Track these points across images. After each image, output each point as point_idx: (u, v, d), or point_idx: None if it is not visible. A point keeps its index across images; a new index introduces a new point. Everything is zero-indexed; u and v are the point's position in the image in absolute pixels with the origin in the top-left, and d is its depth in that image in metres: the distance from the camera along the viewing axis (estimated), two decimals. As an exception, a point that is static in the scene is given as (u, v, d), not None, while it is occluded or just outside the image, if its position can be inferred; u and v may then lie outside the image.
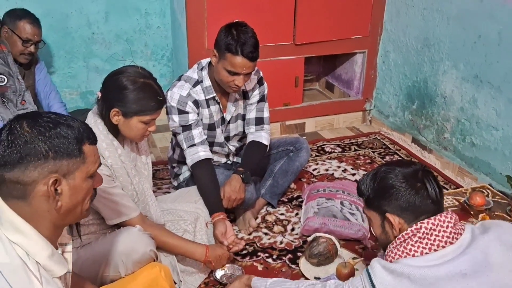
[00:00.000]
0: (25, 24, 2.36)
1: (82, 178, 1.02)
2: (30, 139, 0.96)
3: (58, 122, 1.00)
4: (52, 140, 0.97)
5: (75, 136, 1.00)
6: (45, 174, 0.97)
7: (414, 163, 1.36)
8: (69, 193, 1.01)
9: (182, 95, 1.98)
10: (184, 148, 2.02)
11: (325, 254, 1.89)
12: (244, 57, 1.84)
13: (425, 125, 2.88)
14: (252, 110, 2.17)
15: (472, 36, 2.46)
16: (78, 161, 1.01)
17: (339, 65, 3.42)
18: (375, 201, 1.35)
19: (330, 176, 2.63)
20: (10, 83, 2.34)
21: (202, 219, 1.90)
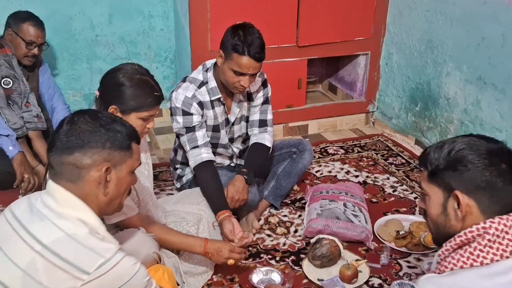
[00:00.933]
0: (29, 26, 2.37)
1: (127, 171, 1.17)
2: (92, 129, 1.11)
3: (114, 119, 1.16)
4: (110, 133, 1.12)
5: (127, 133, 1.16)
6: (100, 161, 1.11)
7: (501, 142, 1.14)
8: (115, 183, 1.15)
9: (187, 96, 1.98)
10: (187, 150, 2.01)
11: (328, 256, 1.88)
12: (251, 58, 1.85)
13: (429, 127, 2.87)
14: (255, 112, 2.18)
15: (475, 38, 2.46)
16: (127, 155, 1.16)
17: (342, 67, 3.42)
18: (444, 173, 1.11)
19: (333, 178, 2.62)
20: (15, 85, 2.36)
21: (205, 220, 1.90)
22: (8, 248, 1.07)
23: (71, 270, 1.02)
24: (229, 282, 1.87)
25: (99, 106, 1.61)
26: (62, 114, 2.56)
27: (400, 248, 2.03)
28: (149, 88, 1.59)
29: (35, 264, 1.02)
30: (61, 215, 1.08)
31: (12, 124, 2.32)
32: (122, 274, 1.07)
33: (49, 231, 1.06)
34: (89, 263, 1.03)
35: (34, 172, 2.31)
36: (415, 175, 2.66)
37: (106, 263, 1.04)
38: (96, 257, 1.04)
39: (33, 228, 1.07)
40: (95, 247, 1.05)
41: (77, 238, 1.05)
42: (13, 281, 1.04)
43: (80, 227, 1.08)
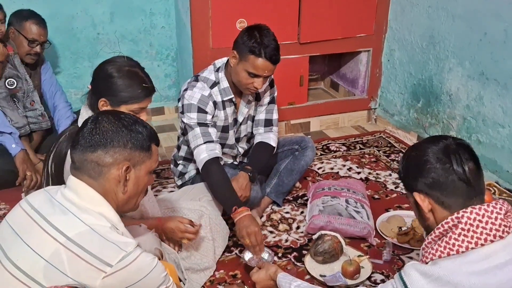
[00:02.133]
0: (31, 24, 2.38)
1: (145, 171, 1.21)
2: (116, 129, 1.15)
3: (136, 121, 1.21)
4: (132, 133, 1.17)
5: (148, 135, 1.20)
6: (121, 160, 1.15)
7: (446, 138, 1.21)
8: (134, 182, 1.19)
9: (204, 95, 1.98)
10: (199, 144, 1.96)
11: (330, 252, 1.88)
12: (267, 60, 1.87)
13: (431, 123, 2.87)
14: (261, 112, 2.21)
15: (477, 33, 2.45)
16: (147, 156, 1.20)
17: (343, 64, 3.41)
18: (406, 181, 1.24)
19: (335, 175, 2.62)
20: (19, 85, 2.37)
21: (206, 216, 1.90)
22: (29, 239, 1.09)
23: (94, 262, 1.05)
24: (232, 279, 1.87)
25: (90, 100, 1.60)
26: (63, 112, 2.57)
27: (402, 244, 2.02)
28: (138, 79, 1.56)
29: (60, 255, 1.06)
30: (84, 209, 1.13)
31: (15, 123, 2.33)
32: (142, 267, 1.11)
33: (72, 224, 1.09)
34: (112, 256, 1.06)
35: (36, 170, 2.32)
36: (417, 171, 2.66)
37: (128, 256, 1.08)
38: (119, 250, 1.07)
39: (56, 221, 1.10)
40: (117, 241, 1.09)
41: (100, 232, 1.09)
42: (35, 270, 1.06)
43: (103, 221, 1.12)
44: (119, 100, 1.55)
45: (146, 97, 1.59)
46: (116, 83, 1.54)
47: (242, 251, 1.89)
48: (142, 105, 1.58)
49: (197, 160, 2.00)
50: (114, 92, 1.54)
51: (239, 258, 1.97)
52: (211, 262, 1.86)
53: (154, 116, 3.26)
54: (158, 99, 3.27)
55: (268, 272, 1.58)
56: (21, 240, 1.10)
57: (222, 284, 1.84)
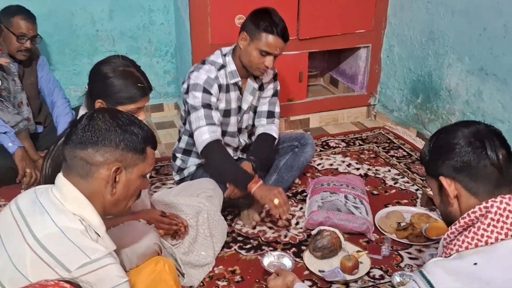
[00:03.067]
0: (19, 20, 2.33)
1: (137, 174, 1.16)
2: (109, 127, 1.11)
3: (133, 121, 1.16)
4: (126, 134, 1.12)
5: (143, 137, 1.15)
6: (112, 160, 1.11)
7: (478, 123, 1.16)
8: (124, 184, 1.14)
9: (210, 77, 2.02)
10: (202, 125, 1.98)
11: (329, 248, 1.89)
12: (279, 37, 1.94)
13: (430, 119, 2.87)
14: (264, 103, 2.25)
15: (477, 28, 2.44)
16: (140, 159, 1.15)
17: (343, 60, 3.41)
18: (431, 164, 1.16)
19: (335, 171, 2.62)
20: (4, 85, 2.34)
21: (204, 212, 1.90)
22: (7, 240, 1.07)
23: (55, 266, 1.00)
24: (231, 274, 1.87)
25: (87, 101, 1.59)
26: (62, 108, 2.57)
27: (401, 240, 2.03)
28: (133, 79, 1.54)
29: (25, 257, 1.02)
30: (61, 210, 1.08)
31: (7, 123, 2.30)
32: (104, 280, 1.03)
33: (44, 225, 1.05)
34: (73, 261, 1.01)
35: (35, 166, 2.32)
36: (416, 167, 2.66)
37: (90, 264, 1.01)
38: (82, 256, 1.02)
39: (32, 221, 1.06)
40: (83, 246, 1.03)
41: (69, 235, 1.04)
42: (4, 272, 1.03)
43: (76, 224, 1.07)
44: (115, 101, 1.53)
45: (142, 97, 1.57)
46: (111, 84, 1.52)
47: (261, 255, 1.85)
48: (139, 105, 1.56)
49: (198, 141, 1.99)
50: (109, 93, 1.53)
51: (238, 254, 1.97)
52: (210, 258, 1.87)
53: (153, 113, 3.26)
54: (157, 96, 3.26)
55: (286, 280, 1.51)
56: (1, 243, 1.07)
57: (221, 280, 1.84)
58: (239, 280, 1.84)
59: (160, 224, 1.72)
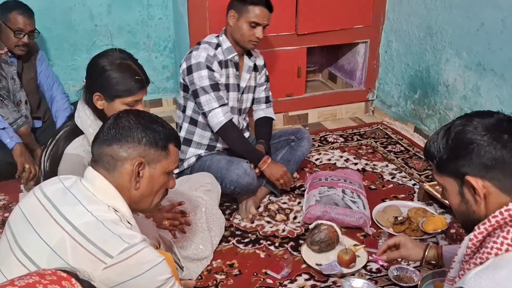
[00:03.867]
0: (16, 15, 2.33)
1: (161, 171, 1.22)
2: (132, 125, 1.19)
3: (155, 120, 1.23)
4: (148, 131, 1.19)
5: (166, 134, 1.22)
6: (135, 155, 1.18)
7: (497, 112, 1.08)
8: (148, 180, 1.20)
9: (209, 54, 2.13)
10: (215, 107, 2.10)
11: (326, 241, 1.90)
12: (265, 7, 2.10)
13: (428, 114, 2.87)
14: (262, 91, 2.40)
15: (475, 23, 2.45)
16: (162, 155, 1.21)
17: (341, 55, 3.41)
18: (450, 162, 1.07)
19: (333, 166, 2.63)
20: (3, 83, 2.34)
21: (202, 206, 1.91)
22: (39, 227, 1.11)
23: (96, 252, 1.06)
24: (229, 268, 1.89)
25: (85, 95, 1.59)
26: (61, 103, 2.57)
27: (398, 234, 2.03)
28: (130, 72, 1.54)
29: (64, 243, 1.07)
30: (95, 201, 1.15)
31: (6, 119, 2.30)
32: (143, 263, 1.09)
33: (80, 214, 1.11)
34: (114, 247, 1.06)
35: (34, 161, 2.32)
36: (413, 162, 2.67)
37: (130, 248, 1.07)
38: (122, 242, 1.07)
39: (65, 210, 1.12)
40: (121, 234, 1.09)
41: (106, 223, 1.10)
42: (40, 257, 1.08)
43: (111, 214, 1.13)
44: (113, 94, 1.53)
45: (140, 90, 1.57)
46: (108, 77, 1.52)
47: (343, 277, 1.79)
48: (136, 97, 1.56)
49: (213, 122, 2.12)
50: (107, 86, 1.53)
51: (236, 248, 1.99)
52: (208, 251, 1.88)
53: (152, 108, 3.26)
54: (155, 91, 3.27)
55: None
56: (32, 228, 1.11)
57: (219, 273, 1.86)
58: (237, 274, 1.86)
59: (163, 214, 1.72)
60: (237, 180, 2.04)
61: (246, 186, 2.07)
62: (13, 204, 2.28)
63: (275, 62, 2.91)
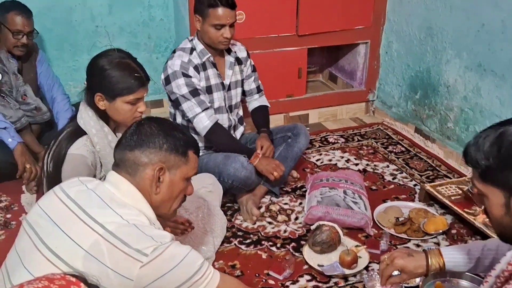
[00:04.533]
0: (14, 16, 2.32)
1: (180, 177, 1.26)
2: (153, 132, 1.23)
3: (176, 127, 1.29)
4: (168, 137, 1.24)
5: (185, 141, 1.27)
6: (156, 161, 1.22)
7: None
8: (168, 185, 1.24)
9: (183, 61, 2.12)
10: (197, 112, 2.10)
11: (328, 242, 1.90)
12: (225, 7, 2.04)
13: (428, 115, 2.88)
14: (251, 82, 2.40)
15: (475, 24, 2.45)
16: (182, 161, 1.26)
17: (342, 56, 3.42)
18: (500, 173, 0.99)
19: (333, 166, 2.64)
20: (5, 79, 2.34)
21: (204, 207, 1.91)
22: (67, 228, 1.13)
23: (131, 253, 1.09)
24: (231, 269, 1.89)
25: (86, 96, 1.60)
26: (62, 104, 2.57)
27: (399, 234, 2.05)
28: (130, 70, 1.55)
29: (99, 245, 1.09)
30: (123, 204, 1.18)
31: (8, 118, 2.30)
32: (175, 255, 1.13)
33: (111, 218, 1.14)
34: (148, 247, 1.10)
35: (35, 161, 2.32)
36: (414, 162, 2.68)
37: (162, 245, 1.11)
38: (154, 242, 1.11)
39: (95, 213, 1.14)
40: (153, 235, 1.13)
41: (138, 226, 1.13)
42: (74, 259, 1.09)
43: (141, 217, 1.17)
44: (114, 93, 1.54)
45: (140, 87, 1.57)
46: (108, 76, 1.53)
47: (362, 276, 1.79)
48: (137, 95, 1.56)
49: (199, 128, 2.12)
50: (107, 85, 1.53)
51: (238, 249, 1.99)
52: (210, 252, 1.88)
53: (153, 109, 3.26)
54: (156, 92, 3.27)
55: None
56: (59, 229, 1.13)
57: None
58: (239, 275, 1.86)
59: (166, 222, 1.74)
60: (234, 173, 2.06)
61: (243, 179, 2.08)
62: (15, 205, 2.28)
63: (275, 63, 2.92)
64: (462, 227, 2.11)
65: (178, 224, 1.78)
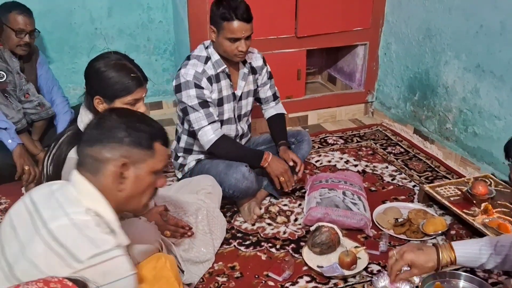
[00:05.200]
0: (16, 15, 2.35)
1: (147, 171, 1.16)
2: (114, 125, 1.14)
3: (140, 119, 1.19)
4: (130, 130, 1.14)
5: (150, 133, 1.17)
6: (117, 156, 1.12)
7: None
8: (133, 180, 1.15)
9: (197, 71, 2.06)
10: (204, 125, 2.06)
11: (327, 243, 1.91)
12: (240, 21, 1.97)
13: (427, 116, 2.88)
14: (267, 90, 2.35)
15: (474, 26, 2.46)
16: (148, 154, 1.16)
17: (341, 57, 3.42)
18: None
19: (333, 168, 2.64)
20: (9, 78, 2.35)
21: (203, 209, 1.91)
22: (21, 231, 1.10)
23: (66, 256, 1.03)
24: (230, 270, 1.89)
25: (86, 100, 1.60)
26: (61, 107, 2.58)
27: (398, 235, 2.05)
28: (126, 70, 1.54)
29: (36, 247, 1.05)
30: (76, 204, 1.11)
31: (10, 119, 2.31)
32: (112, 271, 1.05)
33: (57, 218, 1.08)
34: (84, 252, 1.03)
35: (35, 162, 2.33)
36: (413, 163, 2.68)
37: (100, 255, 1.04)
38: (92, 247, 1.04)
39: (46, 214, 1.09)
40: (94, 238, 1.05)
41: (80, 227, 1.06)
42: (16, 261, 1.06)
43: (89, 217, 1.09)
44: (112, 95, 1.54)
45: (138, 87, 1.56)
46: (106, 78, 1.52)
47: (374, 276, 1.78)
48: (136, 96, 1.56)
49: (203, 140, 2.08)
50: (105, 88, 1.53)
51: (238, 251, 1.99)
52: (210, 254, 1.88)
53: (152, 111, 3.27)
54: (156, 94, 3.28)
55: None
56: (14, 232, 1.10)
57: (221, 276, 1.86)
58: (239, 276, 1.86)
59: (167, 226, 1.76)
60: (235, 184, 2.05)
61: (245, 190, 2.07)
62: (14, 207, 2.29)
63: (275, 64, 2.90)
64: (461, 227, 2.11)
65: (178, 227, 1.78)
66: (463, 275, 1.70)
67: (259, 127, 3.03)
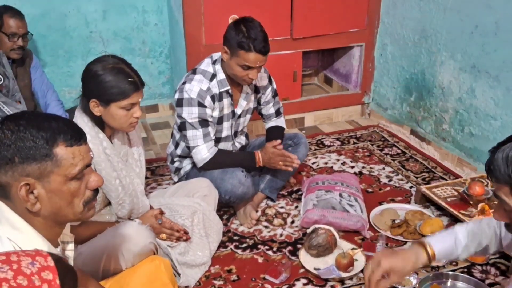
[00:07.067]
0: (7, 19, 2.34)
1: (60, 181, 0.99)
2: (2, 141, 0.94)
3: (29, 124, 0.96)
4: (17, 144, 0.95)
5: (46, 138, 0.96)
6: (16, 177, 0.95)
7: None
8: (48, 197, 0.98)
9: (202, 89, 2.02)
10: (199, 144, 2.04)
11: (324, 245, 1.90)
12: (257, 53, 1.91)
13: (424, 117, 2.88)
14: (270, 107, 2.32)
15: (469, 26, 2.46)
16: (50, 165, 0.97)
17: (337, 59, 3.42)
18: None
19: (329, 169, 2.63)
20: (5, 82, 2.34)
21: (199, 212, 1.91)
22: None
23: None
24: (227, 273, 1.88)
25: (82, 102, 1.60)
26: (55, 110, 2.56)
27: (395, 237, 2.04)
28: (123, 74, 1.54)
29: None
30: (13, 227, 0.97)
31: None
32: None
33: None
34: None
35: None
36: (410, 164, 2.68)
37: None
38: None
39: None
40: None
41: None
42: None
43: (8, 249, 0.92)
44: (108, 99, 1.54)
45: (134, 92, 1.56)
46: (102, 82, 1.52)
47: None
48: (132, 100, 1.56)
49: (197, 159, 2.06)
50: (101, 91, 1.53)
51: (234, 253, 1.98)
52: (206, 257, 1.87)
53: (148, 114, 3.26)
54: (152, 97, 3.27)
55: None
56: None
57: (217, 279, 1.85)
58: (235, 279, 1.85)
59: (162, 229, 1.76)
60: (232, 190, 2.03)
61: (241, 195, 2.06)
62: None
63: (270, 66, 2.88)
64: None
65: (174, 231, 1.78)
66: (460, 276, 1.70)
67: (255, 129, 3.02)
